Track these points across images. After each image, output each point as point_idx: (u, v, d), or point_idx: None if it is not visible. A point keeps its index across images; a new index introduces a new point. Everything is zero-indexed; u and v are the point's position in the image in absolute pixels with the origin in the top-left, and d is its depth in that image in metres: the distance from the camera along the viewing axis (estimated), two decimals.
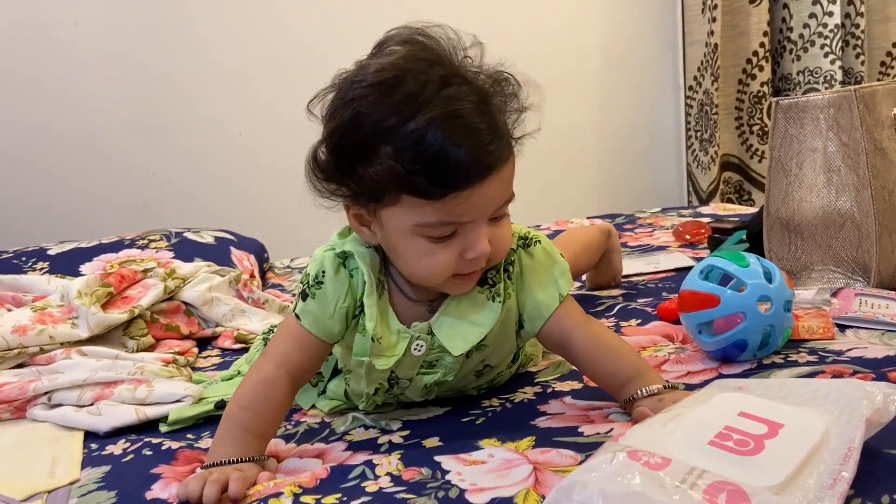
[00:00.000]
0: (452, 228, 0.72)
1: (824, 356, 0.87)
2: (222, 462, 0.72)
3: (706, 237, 1.53)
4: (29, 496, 0.75)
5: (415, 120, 0.67)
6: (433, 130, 0.67)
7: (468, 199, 0.70)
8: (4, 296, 1.29)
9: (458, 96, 0.69)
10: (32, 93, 2.06)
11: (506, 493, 0.64)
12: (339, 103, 0.72)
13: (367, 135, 0.69)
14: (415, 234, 0.73)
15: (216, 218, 1.94)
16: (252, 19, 2.20)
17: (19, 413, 0.98)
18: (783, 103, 1.15)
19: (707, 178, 2.48)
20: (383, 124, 0.69)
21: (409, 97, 0.68)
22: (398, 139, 0.68)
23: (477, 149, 0.68)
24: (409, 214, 0.72)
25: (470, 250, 0.73)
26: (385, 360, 0.79)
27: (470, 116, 0.69)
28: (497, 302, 0.80)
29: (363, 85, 0.70)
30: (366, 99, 0.70)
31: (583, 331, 0.82)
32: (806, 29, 2.38)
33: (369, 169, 0.70)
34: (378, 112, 0.69)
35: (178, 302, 1.29)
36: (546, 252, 0.84)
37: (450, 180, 0.68)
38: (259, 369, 0.80)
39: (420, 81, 0.69)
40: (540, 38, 2.46)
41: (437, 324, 0.80)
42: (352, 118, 0.70)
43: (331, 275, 0.79)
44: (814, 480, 0.54)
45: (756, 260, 0.90)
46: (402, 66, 0.70)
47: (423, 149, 0.67)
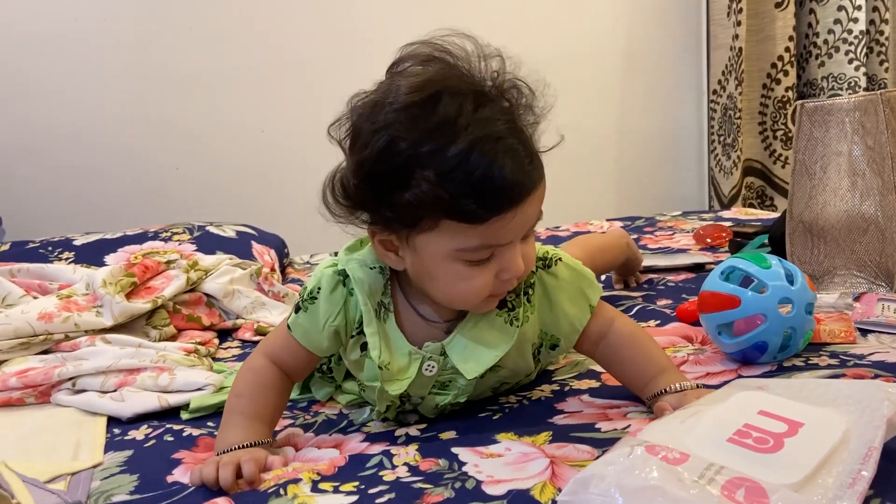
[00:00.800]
0: (490, 251, 0.71)
1: (845, 360, 0.87)
2: (230, 449, 0.73)
3: (727, 241, 1.53)
4: (52, 478, 0.76)
5: (456, 144, 0.65)
6: (476, 154, 0.65)
7: (510, 222, 0.69)
8: (31, 284, 1.31)
9: (493, 117, 0.68)
10: (60, 89, 2.09)
11: (522, 486, 0.64)
12: (370, 129, 0.68)
13: (404, 161, 0.67)
14: (453, 258, 0.71)
15: (237, 213, 1.96)
16: (275, 18, 2.22)
17: (44, 398, 1.00)
18: (808, 106, 1.14)
19: (729, 183, 2.47)
20: (421, 149, 0.66)
21: (447, 121, 0.66)
22: (440, 164, 0.66)
23: (519, 170, 0.67)
24: (448, 239, 0.69)
25: (506, 271, 0.72)
26: (398, 384, 0.78)
27: (507, 137, 0.68)
28: (514, 326, 0.79)
29: (395, 108, 0.67)
30: (399, 124, 0.67)
31: (622, 321, 0.83)
32: (831, 34, 2.37)
33: (406, 195, 0.67)
34: (414, 137, 0.67)
35: (199, 293, 1.31)
36: (569, 268, 0.83)
37: (496, 203, 0.67)
38: (248, 360, 0.83)
39: (455, 104, 0.67)
40: (563, 40, 2.46)
41: (450, 345, 0.79)
42: (386, 144, 0.67)
43: (326, 293, 0.79)
44: (833, 479, 0.54)
45: (778, 262, 0.90)
46: (434, 87, 0.68)
47: (468, 173, 0.65)
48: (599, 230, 1.89)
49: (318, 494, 0.65)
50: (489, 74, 0.72)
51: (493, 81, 0.71)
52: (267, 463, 0.72)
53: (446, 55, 0.71)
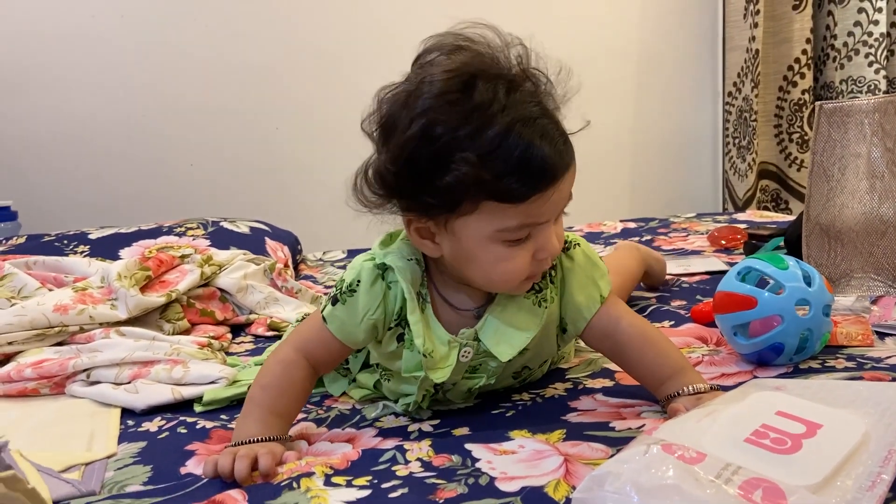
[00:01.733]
0: (528, 231, 0.72)
1: (862, 362, 0.86)
2: (247, 441, 0.74)
3: (742, 243, 1.52)
4: (67, 467, 0.76)
5: (494, 125, 0.67)
6: (515, 134, 0.67)
7: (548, 200, 0.71)
8: (46, 276, 1.32)
9: (525, 100, 0.70)
10: (77, 85, 2.11)
11: (536, 483, 0.64)
12: (407, 117, 0.69)
13: (444, 144, 0.68)
14: (493, 240, 0.72)
15: (251, 209, 1.97)
16: (291, 16, 2.22)
17: (59, 389, 1.00)
18: (827, 107, 1.13)
19: (744, 186, 2.46)
20: (460, 132, 0.68)
21: (484, 104, 0.68)
22: (480, 146, 0.67)
23: (554, 149, 0.69)
24: (489, 221, 0.71)
25: (542, 250, 0.74)
26: (441, 372, 0.79)
27: (542, 118, 0.70)
28: (543, 307, 0.81)
29: (432, 94, 0.69)
30: (437, 109, 0.68)
31: (629, 321, 0.82)
32: (850, 37, 2.35)
33: (446, 178, 0.68)
34: (453, 121, 0.68)
35: (213, 288, 1.31)
36: (586, 255, 0.84)
37: (537, 182, 0.69)
38: (278, 352, 0.82)
39: (490, 88, 0.69)
40: (578, 41, 2.45)
41: (483, 330, 0.80)
42: (425, 130, 0.68)
43: (366, 286, 0.79)
44: (852, 481, 0.53)
45: (795, 263, 0.89)
46: (468, 72, 0.69)
47: (508, 153, 0.67)
48: (613, 230, 1.88)
49: (331, 488, 0.65)
50: (514, 61, 0.73)
51: (518, 68, 0.73)
52: (283, 458, 0.72)
53: (471, 44, 0.73)
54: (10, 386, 0.99)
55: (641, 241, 1.71)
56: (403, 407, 0.85)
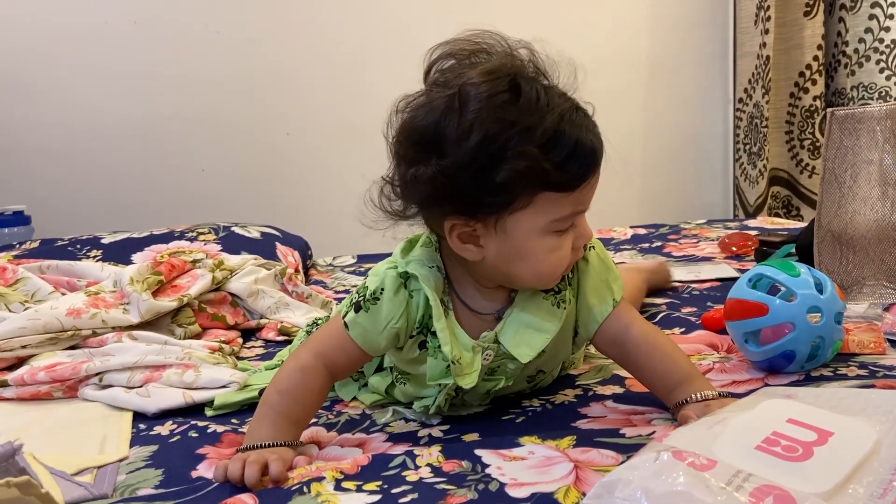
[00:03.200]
0: (572, 220, 0.76)
1: (875, 370, 0.86)
2: (259, 445, 0.74)
3: (753, 249, 1.51)
4: (79, 470, 0.77)
5: (547, 119, 0.71)
6: (567, 125, 0.71)
7: (590, 186, 0.75)
8: (60, 280, 1.33)
9: (561, 93, 0.74)
10: (89, 90, 2.13)
11: (546, 489, 0.64)
12: (455, 123, 0.71)
13: (503, 142, 0.70)
14: (546, 231, 0.74)
15: (262, 214, 1.98)
16: (302, 22, 2.24)
17: (71, 392, 1.01)
18: (839, 114, 1.13)
19: (755, 192, 2.45)
20: (517, 128, 0.70)
21: (532, 100, 0.71)
22: (538, 139, 0.70)
23: (596, 135, 0.74)
24: (544, 212, 0.73)
25: (581, 237, 0.77)
26: (469, 377, 0.80)
27: (580, 110, 0.74)
28: (562, 308, 0.81)
29: (481, 98, 0.70)
30: (491, 110, 0.70)
31: (639, 328, 0.82)
32: (861, 44, 2.34)
33: (507, 174, 0.70)
34: (509, 119, 0.70)
35: (224, 293, 1.32)
36: (600, 258, 0.85)
37: (587, 168, 0.73)
38: (297, 357, 0.82)
39: (531, 85, 0.72)
40: (588, 47, 2.45)
41: (502, 333, 0.81)
42: (483, 132, 0.70)
43: (389, 294, 0.79)
44: (864, 489, 0.53)
45: (807, 270, 0.89)
46: (508, 73, 0.72)
47: (565, 142, 0.71)
48: (623, 236, 1.88)
49: (342, 493, 0.66)
50: (528, 63, 0.76)
51: (533, 66, 0.76)
52: (293, 464, 0.73)
53: (486, 49, 0.75)
54: (23, 389, 1.00)
55: (652, 248, 1.71)
56: (422, 409, 0.86)
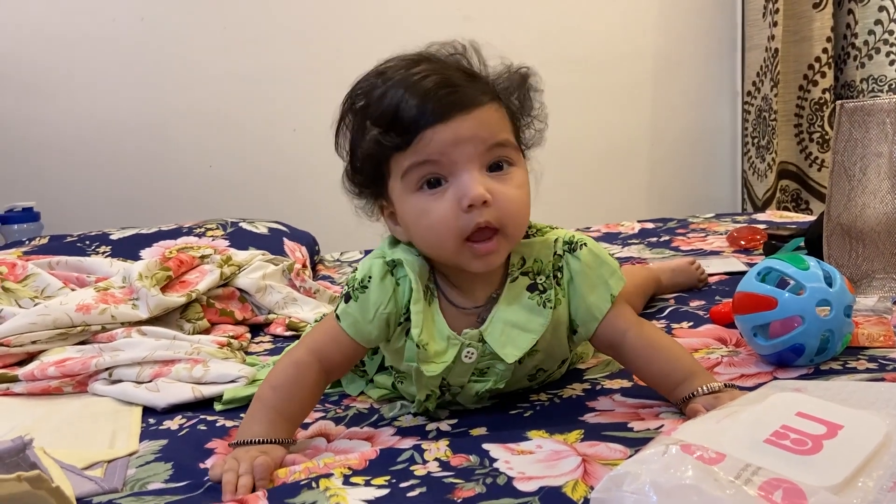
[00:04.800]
0: (436, 172, 0.75)
1: (884, 364, 0.85)
2: (250, 441, 0.74)
3: (762, 243, 1.51)
4: (89, 465, 0.77)
5: (377, 90, 0.75)
6: (389, 91, 0.74)
7: (435, 137, 0.73)
8: (69, 276, 1.34)
9: (424, 69, 0.75)
10: (98, 88, 2.13)
11: (554, 483, 0.64)
12: (344, 102, 0.80)
13: (355, 124, 0.78)
14: (410, 190, 0.76)
15: (269, 210, 1.98)
16: (308, 18, 2.24)
17: (81, 387, 1.02)
18: (848, 106, 1.12)
19: (763, 186, 2.44)
20: (360, 103, 0.77)
21: (377, 76, 0.76)
22: (370, 111, 0.75)
23: (433, 93, 0.73)
24: (398, 172, 0.76)
25: (464, 197, 0.74)
26: (434, 366, 0.79)
27: (429, 73, 0.74)
28: (548, 308, 0.81)
29: (353, 90, 0.79)
30: (351, 99, 0.79)
31: (635, 332, 0.82)
32: (871, 36, 2.32)
33: (362, 150, 0.77)
34: (356, 100, 0.78)
35: (233, 288, 1.32)
36: (593, 254, 0.83)
37: (410, 124, 0.73)
38: (292, 353, 0.82)
39: (395, 69, 0.76)
40: (596, 41, 2.44)
41: (488, 331, 0.80)
42: (343, 114, 0.79)
43: (377, 281, 0.80)
44: (873, 483, 0.53)
45: (816, 263, 0.88)
46: (385, 65, 0.77)
47: (385, 106, 0.74)
48: (631, 230, 1.88)
49: (350, 487, 0.66)
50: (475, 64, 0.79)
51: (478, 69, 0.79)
52: (283, 462, 0.73)
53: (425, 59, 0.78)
54: (33, 384, 1.01)
55: (660, 242, 1.71)
56: (415, 409, 0.86)
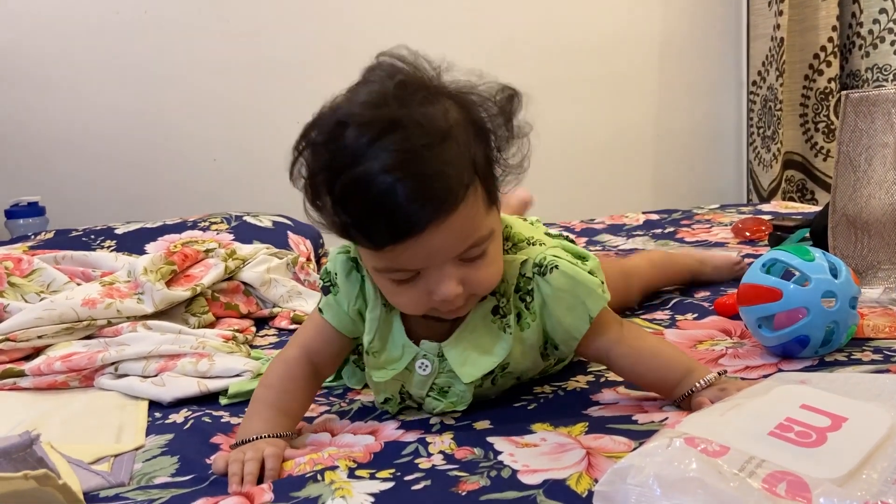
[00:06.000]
0: (409, 274, 0.71)
1: (889, 355, 0.85)
2: (252, 438, 0.74)
3: (767, 234, 1.50)
4: (96, 459, 0.78)
5: (342, 177, 0.66)
6: (357, 191, 0.65)
7: (407, 251, 0.68)
8: (74, 271, 1.34)
9: (398, 147, 0.65)
10: (102, 81, 2.13)
11: (558, 476, 0.64)
12: (297, 143, 0.71)
13: (312, 185, 0.69)
14: (378, 274, 0.73)
15: (273, 204, 1.98)
16: (312, 12, 2.23)
17: (87, 382, 1.02)
18: (853, 97, 1.12)
19: (768, 176, 2.43)
20: (318, 176, 0.68)
21: (341, 151, 0.66)
22: (331, 192, 0.67)
23: (403, 209, 0.65)
24: (366, 256, 0.73)
25: (434, 293, 0.71)
26: (383, 372, 0.79)
27: (400, 175, 0.64)
28: (508, 333, 0.78)
29: (314, 136, 0.70)
30: (311, 151, 0.69)
31: (620, 350, 0.80)
32: (876, 24, 2.31)
33: (322, 214, 0.70)
34: (317, 163, 0.69)
35: (237, 282, 1.32)
36: (566, 276, 0.78)
37: (378, 240, 0.67)
38: (281, 353, 0.84)
39: (357, 133, 0.66)
40: (599, 31, 2.43)
41: (448, 348, 0.78)
42: (304, 165, 0.70)
43: (342, 277, 0.80)
44: (878, 475, 0.53)
45: (821, 254, 0.88)
46: (343, 116, 0.68)
47: (353, 203, 0.66)
48: (635, 222, 1.87)
49: (355, 480, 0.66)
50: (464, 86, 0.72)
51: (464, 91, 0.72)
52: (285, 455, 0.73)
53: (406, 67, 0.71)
54: (40, 379, 1.01)
55: (664, 234, 1.71)
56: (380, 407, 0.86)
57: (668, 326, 1.06)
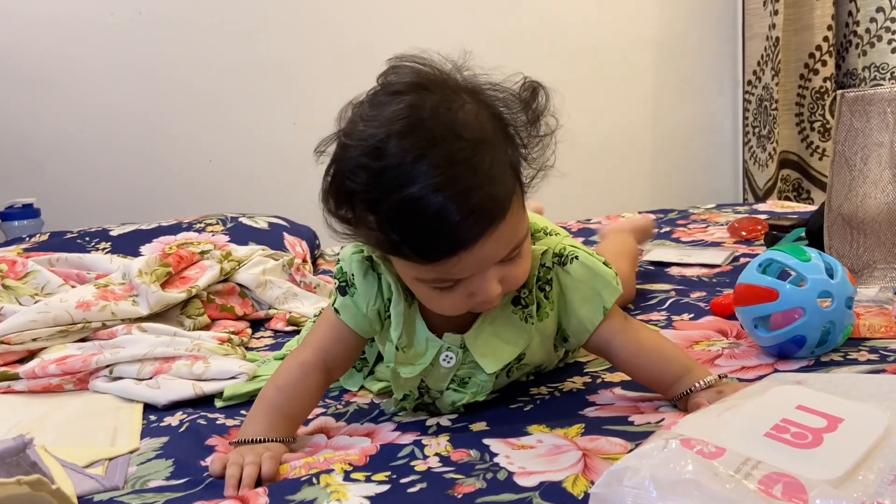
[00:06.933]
0: (452, 282, 0.71)
1: (886, 355, 0.85)
2: (253, 440, 0.74)
3: (763, 234, 1.50)
4: (91, 462, 0.78)
5: (393, 196, 0.65)
6: (411, 209, 0.65)
7: (460, 262, 0.68)
8: (69, 273, 1.34)
9: (442, 163, 0.65)
10: (96, 82, 2.13)
11: (554, 478, 0.64)
12: (332, 163, 0.70)
13: (354, 204, 0.69)
14: (418, 283, 0.73)
15: (269, 205, 1.98)
16: (309, 10, 2.23)
17: (82, 384, 1.02)
18: (849, 96, 1.12)
19: (764, 176, 2.43)
20: (364, 196, 0.67)
21: (386, 170, 0.65)
22: (378, 211, 0.67)
23: (451, 225, 0.65)
24: (408, 268, 0.72)
25: (477, 295, 0.72)
26: (411, 367, 0.79)
27: (449, 188, 0.64)
28: (529, 323, 0.79)
29: (349, 156, 0.68)
30: (349, 173, 0.68)
31: (622, 339, 0.81)
32: (873, 23, 2.31)
33: (360, 230, 0.70)
34: (359, 183, 0.67)
35: (233, 283, 1.32)
36: (585, 267, 0.80)
37: (432, 255, 0.67)
38: (297, 355, 0.82)
39: (399, 152, 0.65)
40: (595, 31, 2.43)
41: (470, 339, 0.79)
42: (339, 188, 0.69)
43: (360, 278, 0.80)
44: (874, 476, 0.52)
45: (817, 255, 0.88)
46: (383, 134, 0.66)
47: (403, 225, 0.66)
48: None
49: (351, 483, 0.66)
50: (486, 86, 0.72)
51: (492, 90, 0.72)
52: (283, 459, 0.73)
53: (427, 78, 0.70)
54: (34, 382, 1.01)
55: (661, 233, 1.71)
56: (395, 407, 0.86)
57: (664, 327, 1.06)
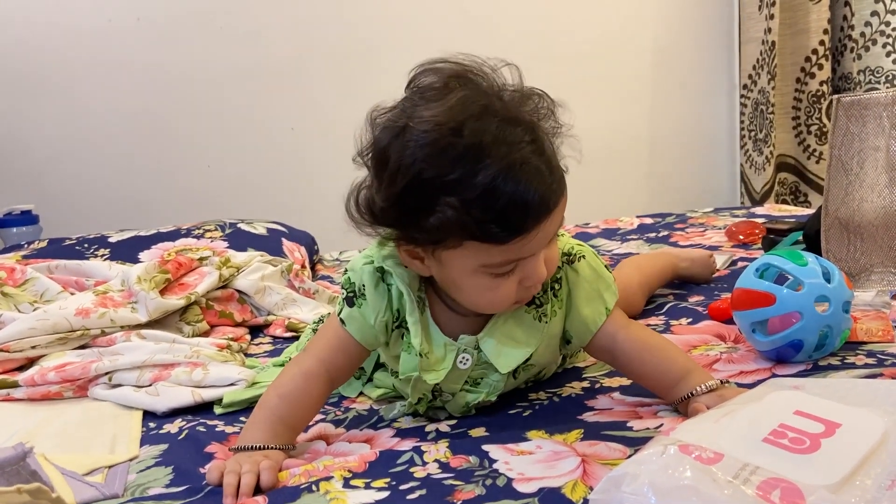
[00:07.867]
0: (514, 264, 0.73)
1: (883, 359, 0.85)
2: (253, 447, 0.74)
3: (760, 238, 1.50)
4: (90, 470, 0.77)
5: (481, 173, 0.67)
6: (501, 181, 0.67)
7: (534, 238, 0.71)
8: (68, 280, 1.34)
9: (516, 140, 0.69)
10: (94, 88, 2.13)
11: (553, 484, 0.64)
12: (397, 160, 0.69)
13: (432, 190, 0.69)
14: (478, 273, 0.73)
15: (268, 211, 1.98)
16: (306, 16, 2.23)
17: (81, 392, 1.02)
18: (845, 101, 1.12)
19: (761, 179, 2.44)
20: (447, 178, 0.68)
21: (471, 149, 0.67)
22: (465, 191, 0.68)
23: (542, 192, 0.69)
24: (474, 257, 0.72)
25: (529, 278, 0.74)
26: (435, 374, 0.80)
27: (530, 161, 0.69)
28: (543, 322, 0.81)
29: (420, 144, 0.68)
30: (425, 159, 0.68)
31: (625, 334, 0.82)
32: (868, 27, 2.32)
33: (431, 219, 0.69)
34: (440, 167, 0.68)
35: (232, 290, 1.32)
36: (591, 267, 0.83)
37: (520, 226, 0.69)
38: (301, 362, 0.82)
39: (478, 131, 0.68)
40: (592, 35, 2.44)
41: (484, 340, 0.80)
42: (414, 177, 0.69)
43: (370, 289, 0.80)
44: (871, 481, 0.53)
45: (814, 259, 0.88)
46: (457, 118, 0.68)
47: (493, 200, 0.67)
48: (629, 226, 1.88)
49: (350, 490, 0.66)
50: (509, 85, 0.73)
51: (514, 91, 0.73)
52: (282, 466, 0.73)
53: (466, 73, 0.72)
54: (34, 389, 1.01)
55: (658, 238, 1.71)
56: (406, 410, 0.86)
57: (662, 331, 1.06)
